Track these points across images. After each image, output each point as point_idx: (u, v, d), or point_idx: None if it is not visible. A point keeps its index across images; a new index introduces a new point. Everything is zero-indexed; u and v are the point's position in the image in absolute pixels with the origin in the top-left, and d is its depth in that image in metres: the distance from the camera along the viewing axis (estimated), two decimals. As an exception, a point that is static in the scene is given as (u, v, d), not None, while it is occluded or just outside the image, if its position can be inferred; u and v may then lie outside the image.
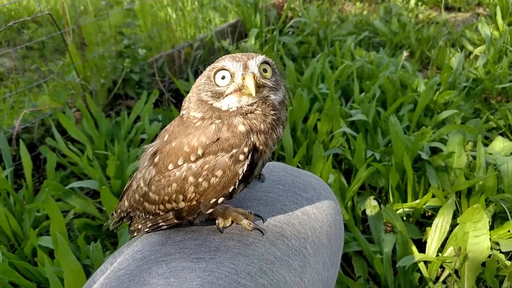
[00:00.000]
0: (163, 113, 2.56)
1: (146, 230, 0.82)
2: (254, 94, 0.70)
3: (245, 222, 0.79)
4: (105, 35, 2.59)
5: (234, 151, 0.70)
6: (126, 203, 0.86)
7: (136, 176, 0.83)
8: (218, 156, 0.70)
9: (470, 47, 3.50)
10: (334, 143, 2.17)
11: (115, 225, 0.92)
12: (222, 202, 0.74)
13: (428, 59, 3.37)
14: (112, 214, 0.92)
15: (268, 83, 0.74)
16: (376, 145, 2.23)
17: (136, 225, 0.84)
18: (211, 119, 0.72)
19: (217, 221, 0.80)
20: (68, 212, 1.85)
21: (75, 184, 1.91)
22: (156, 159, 0.78)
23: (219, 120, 0.72)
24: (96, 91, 2.52)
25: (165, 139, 0.78)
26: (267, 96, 0.73)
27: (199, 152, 0.71)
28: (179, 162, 0.73)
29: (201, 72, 0.79)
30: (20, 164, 2.25)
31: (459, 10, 4.49)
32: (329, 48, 3.37)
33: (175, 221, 0.77)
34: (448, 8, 4.56)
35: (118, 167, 1.98)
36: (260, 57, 0.75)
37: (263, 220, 0.83)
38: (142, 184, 0.80)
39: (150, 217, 0.80)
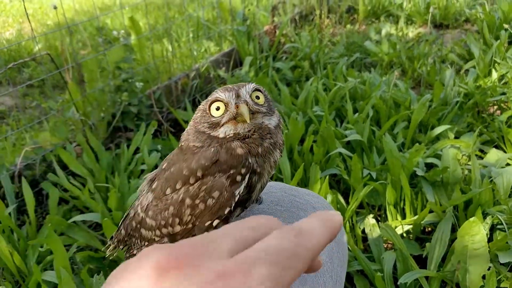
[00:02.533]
0: (162, 143, 2.61)
1: None
2: (248, 121, 0.72)
3: None
4: (104, 71, 2.66)
5: (231, 171, 0.72)
6: (123, 232, 0.88)
7: (134, 204, 0.86)
8: (215, 177, 0.72)
9: (460, 63, 3.57)
10: (331, 164, 2.20)
11: (111, 252, 0.94)
12: (217, 226, 0.75)
13: (420, 76, 3.43)
14: (109, 244, 0.94)
15: (262, 109, 0.77)
16: (372, 164, 2.26)
17: (132, 251, 0.86)
18: (210, 145, 0.75)
19: None
20: (71, 245, 1.88)
21: (78, 217, 1.94)
22: (154, 185, 0.80)
23: (218, 145, 0.75)
24: (96, 125, 2.58)
25: (163, 166, 0.81)
26: (262, 121, 0.76)
27: (199, 174, 0.73)
28: (177, 186, 0.75)
29: (199, 102, 0.83)
30: (22, 201, 2.28)
31: (447, 27, 4.60)
32: (322, 71, 3.44)
33: (166, 241, 0.78)
34: (437, 26, 4.66)
35: (119, 198, 2.01)
36: (251, 85, 0.78)
37: None
38: (139, 211, 0.82)
39: (146, 243, 0.82)
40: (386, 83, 2.98)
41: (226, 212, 0.73)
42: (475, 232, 1.60)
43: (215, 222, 0.74)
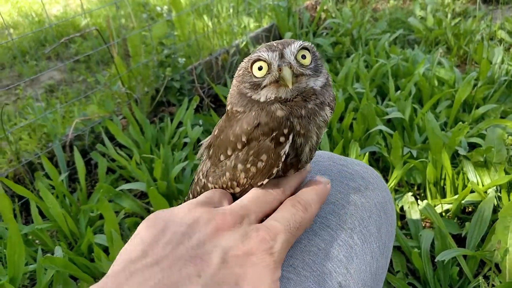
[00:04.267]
0: (204, 118, 2.68)
1: None
2: (291, 86, 0.69)
3: None
4: (148, 46, 2.74)
5: (273, 134, 0.71)
6: (191, 196, 0.92)
7: (198, 170, 0.90)
8: (260, 141, 0.72)
9: (510, 40, 3.41)
10: (371, 141, 2.20)
11: None
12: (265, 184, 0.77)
13: (466, 54, 3.31)
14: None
15: (307, 71, 0.73)
16: (413, 143, 2.24)
17: None
18: (251, 110, 0.75)
19: None
20: (119, 212, 1.99)
21: (125, 186, 2.05)
22: (210, 152, 0.83)
23: (259, 108, 0.74)
24: (140, 99, 2.67)
25: (215, 133, 0.83)
26: (306, 85, 0.73)
27: (243, 139, 0.73)
28: (229, 152, 0.77)
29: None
30: (73, 169, 2.43)
31: (497, 2, 4.37)
32: (364, 48, 3.38)
33: None
34: (486, 1, 4.44)
35: (163, 169, 2.10)
36: (297, 44, 0.73)
37: None
38: (201, 177, 0.86)
39: None
40: (430, 61, 2.91)
41: (274, 171, 0.74)
42: (518, 213, 1.57)
43: (265, 181, 0.75)
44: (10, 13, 6.14)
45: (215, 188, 0.83)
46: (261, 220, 0.70)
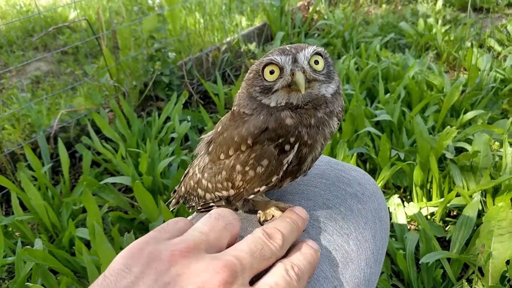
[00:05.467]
0: (192, 113, 2.65)
1: (199, 208, 0.88)
2: (303, 91, 0.68)
3: None
4: (138, 39, 2.70)
5: (280, 140, 0.69)
6: (183, 189, 0.91)
7: (193, 163, 0.88)
8: (264, 145, 0.70)
9: (498, 48, 3.46)
10: (359, 142, 2.20)
11: (174, 206, 0.98)
12: (265, 191, 0.75)
13: (456, 60, 3.34)
14: (172, 198, 0.98)
15: (320, 77, 0.71)
16: (401, 145, 2.25)
17: (191, 203, 0.90)
18: (260, 114, 0.72)
19: (258, 214, 0.81)
20: (102, 206, 1.96)
21: (110, 179, 2.01)
22: (210, 148, 0.81)
23: (268, 113, 0.71)
24: (128, 93, 2.63)
25: (218, 130, 0.81)
26: (318, 91, 0.71)
27: (249, 141, 0.71)
28: (230, 152, 0.75)
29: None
30: (57, 161, 2.38)
31: (487, 11, 4.43)
32: (355, 50, 3.39)
33: (223, 203, 0.82)
34: (477, 9, 4.50)
35: (149, 164, 2.07)
36: (311, 48, 0.71)
37: None
38: (196, 171, 0.84)
39: (203, 201, 0.86)
40: (420, 65, 2.92)
41: (273, 179, 0.73)
42: (502, 217, 1.58)
43: (262, 188, 0.74)
44: (-2, 3, 6.02)
45: (209, 185, 0.81)
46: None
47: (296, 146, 0.70)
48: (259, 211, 0.81)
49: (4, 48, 4.58)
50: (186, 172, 0.92)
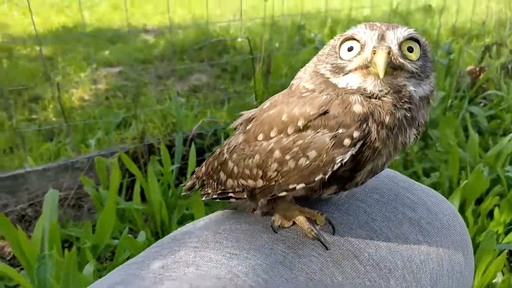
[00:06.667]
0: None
1: (214, 196, 0.71)
2: (381, 76, 0.53)
3: (306, 226, 0.62)
4: (291, 68, 2.72)
5: (340, 131, 0.54)
6: (203, 169, 0.76)
7: (223, 143, 0.74)
8: (318, 133, 0.55)
9: None
10: (510, 237, 1.81)
11: (186, 191, 0.82)
12: (298, 191, 0.59)
13: None
14: (187, 181, 0.83)
15: (410, 65, 0.56)
16: None
17: (206, 189, 0.74)
18: (323, 92, 0.58)
19: (272, 218, 0.65)
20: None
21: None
22: (249, 126, 0.66)
23: (333, 93, 0.57)
24: (267, 117, 2.65)
25: (264, 106, 0.66)
26: (403, 84, 0.56)
27: (300, 123, 0.57)
28: (272, 133, 0.60)
29: None
30: (187, 164, 2.48)
31: None
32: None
33: (245, 196, 0.65)
34: None
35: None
36: (405, 30, 0.57)
37: (333, 229, 0.63)
38: (225, 150, 0.70)
39: (223, 188, 0.70)
40: None
41: (317, 178, 0.56)
42: None
43: (300, 186, 0.58)
44: (185, 17, 6.84)
45: (235, 169, 0.64)
46: None
47: (359, 144, 0.54)
48: (275, 214, 0.64)
49: (178, 56, 5.13)
50: (212, 152, 0.76)
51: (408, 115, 0.56)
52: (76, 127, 3.05)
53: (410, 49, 0.58)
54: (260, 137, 0.62)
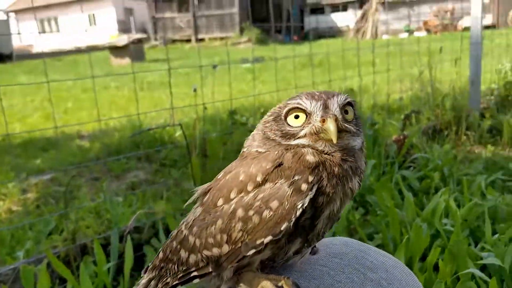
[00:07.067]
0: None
1: (175, 283, 0.69)
2: (335, 141, 0.59)
3: None
4: (228, 151, 2.76)
5: (296, 178, 0.58)
6: (161, 254, 0.75)
7: (180, 223, 0.75)
8: (276, 184, 0.59)
9: None
10: (459, 286, 1.81)
11: None
12: (266, 245, 0.59)
13: None
14: (139, 281, 0.79)
15: (351, 128, 0.64)
16: (516, 299, 1.80)
17: (165, 279, 0.71)
18: (275, 150, 0.63)
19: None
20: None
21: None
22: (205, 198, 0.69)
23: (285, 149, 0.62)
24: (207, 201, 2.60)
25: (218, 177, 0.69)
26: (347, 142, 0.63)
27: (258, 178, 0.60)
28: (232, 195, 0.63)
29: None
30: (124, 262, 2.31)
31: None
32: (455, 186, 3.08)
33: (210, 269, 0.64)
34: None
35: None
36: (343, 97, 0.65)
37: None
38: (183, 228, 0.70)
39: (184, 268, 0.68)
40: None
41: (283, 227, 0.58)
42: None
43: (267, 239, 0.59)
44: (121, 120, 6.89)
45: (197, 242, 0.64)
46: None
47: (315, 188, 0.58)
48: (241, 284, 0.64)
49: (114, 155, 5.05)
50: (169, 236, 0.76)
51: (354, 165, 0.63)
52: (2, 240, 2.80)
53: (346, 112, 0.66)
54: (220, 202, 0.65)
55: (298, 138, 0.64)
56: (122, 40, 15.97)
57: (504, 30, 12.69)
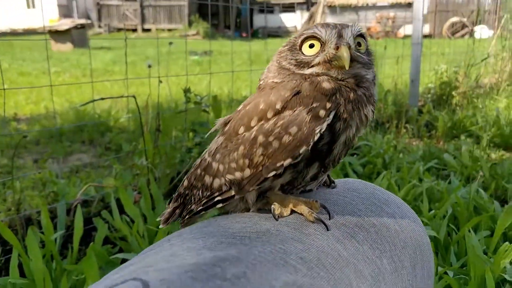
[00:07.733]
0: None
1: (200, 208, 0.72)
2: (347, 67, 0.62)
3: (306, 210, 0.66)
4: (181, 129, 2.75)
5: (314, 105, 0.61)
6: (186, 182, 0.78)
7: (204, 152, 0.78)
8: (295, 111, 0.62)
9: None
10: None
11: (164, 224, 0.82)
12: (287, 168, 0.63)
13: (506, 192, 3.14)
14: (164, 211, 0.83)
15: (363, 57, 0.67)
16: (448, 265, 1.97)
17: (189, 206, 0.75)
18: (292, 79, 0.65)
19: (272, 206, 0.68)
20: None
21: (121, 255, 1.84)
22: (226, 128, 0.72)
23: (302, 78, 0.65)
24: (160, 178, 2.58)
25: (239, 108, 0.72)
26: (359, 71, 0.66)
27: (278, 106, 0.63)
28: (252, 123, 0.65)
29: None
30: (72, 236, 2.24)
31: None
32: (396, 172, 3.28)
33: (232, 193, 0.68)
34: (524, 152, 4.39)
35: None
36: (356, 27, 0.68)
37: (329, 215, 0.68)
38: (206, 156, 0.73)
39: (208, 194, 0.71)
40: (467, 191, 2.74)
41: (301, 151, 0.61)
42: None
43: (287, 162, 0.62)
44: (62, 105, 6.58)
45: (221, 167, 0.67)
46: None
47: (332, 114, 0.61)
48: (275, 203, 0.67)
49: (56, 139, 4.83)
50: (192, 165, 0.80)
51: (367, 93, 0.67)
52: None
53: (359, 44, 0.69)
54: (241, 130, 0.67)
55: (312, 66, 0.66)
56: (65, 24, 15.20)
57: (439, 40, 13.59)
